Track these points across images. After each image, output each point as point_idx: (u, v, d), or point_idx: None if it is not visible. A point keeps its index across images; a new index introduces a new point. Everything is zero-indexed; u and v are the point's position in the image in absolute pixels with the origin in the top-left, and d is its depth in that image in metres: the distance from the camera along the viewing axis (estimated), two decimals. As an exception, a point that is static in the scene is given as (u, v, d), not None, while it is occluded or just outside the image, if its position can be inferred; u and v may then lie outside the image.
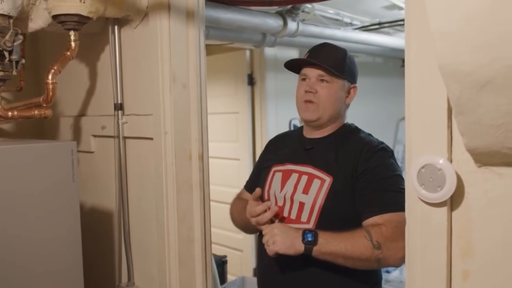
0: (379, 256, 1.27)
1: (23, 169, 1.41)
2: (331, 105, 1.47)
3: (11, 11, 1.45)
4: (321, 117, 1.48)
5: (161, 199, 1.67)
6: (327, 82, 1.46)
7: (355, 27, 3.57)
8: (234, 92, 3.71)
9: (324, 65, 1.45)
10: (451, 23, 0.67)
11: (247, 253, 3.68)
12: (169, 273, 1.67)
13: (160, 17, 1.62)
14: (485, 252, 0.82)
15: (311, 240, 1.28)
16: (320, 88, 1.46)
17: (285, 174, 1.52)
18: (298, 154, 1.53)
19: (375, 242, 1.26)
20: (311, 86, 1.46)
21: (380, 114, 4.16)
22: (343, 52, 1.52)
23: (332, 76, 1.45)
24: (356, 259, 1.28)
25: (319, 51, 1.52)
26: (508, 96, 0.67)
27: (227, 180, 3.75)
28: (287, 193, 1.47)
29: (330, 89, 1.46)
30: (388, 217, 1.30)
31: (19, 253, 1.39)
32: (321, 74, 1.46)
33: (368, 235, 1.27)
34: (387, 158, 1.42)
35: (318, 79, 1.46)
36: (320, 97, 1.46)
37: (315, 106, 1.46)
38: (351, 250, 1.27)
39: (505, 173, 0.79)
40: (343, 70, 1.47)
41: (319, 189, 1.42)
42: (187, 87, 1.67)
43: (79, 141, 2.03)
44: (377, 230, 1.28)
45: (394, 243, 1.25)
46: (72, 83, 2.08)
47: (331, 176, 1.41)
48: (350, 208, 1.38)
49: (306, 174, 1.47)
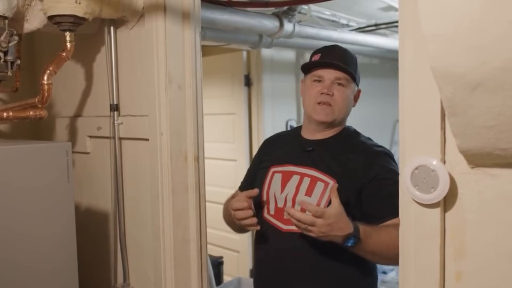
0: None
1: (18, 170, 1.41)
2: (345, 109, 1.48)
3: (6, 11, 1.44)
4: (336, 119, 1.48)
5: (156, 200, 1.67)
6: (343, 86, 1.45)
7: (352, 28, 3.58)
8: (231, 93, 3.72)
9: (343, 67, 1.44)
10: (443, 25, 0.67)
11: (243, 254, 3.68)
12: (164, 274, 1.67)
13: (156, 18, 1.62)
14: (478, 253, 0.82)
15: (350, 246, 1.26)
16: (336, 91, 1.45)
17: (285, 176, 1.51)
18: (298, 156, 1.52)
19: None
20: (328, 88, 1.45)
21: (377, 115, 4.17)
22: (353, 55, 1.53)
23: (347, 80, 1.46)
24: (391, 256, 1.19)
25: (333, 53, 1.50)
26: (500, 97, 0.68)
27: (224, 181, 3.75)
28: (289, 195, 1.46)
29: (345, 93, 1.46)
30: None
31: (14, 253, 1.39)
32: (338, 77, 1.45)
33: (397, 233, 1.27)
34: (393, 161, 1.44)
35: (335, 82, 1.45)
36: (336, 100, 1.45)
37: (331, 109, 1.46)
38: (386, 249, 1.26)
39: (497, 174, 0.79)
40: (356, 73, 1.49)
41: (322, 192, 1.41)
42: (183, 88, 1.67)
43: (74, 142, 2.03)
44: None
45: None
46: (68, 84, 2.07)
47: (335, 179, 1.41)
48: (353, 210, 1.37)
49: (308, 176, 1.46)
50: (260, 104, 3.63)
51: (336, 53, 1.51)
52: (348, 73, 1.45)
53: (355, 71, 1.49)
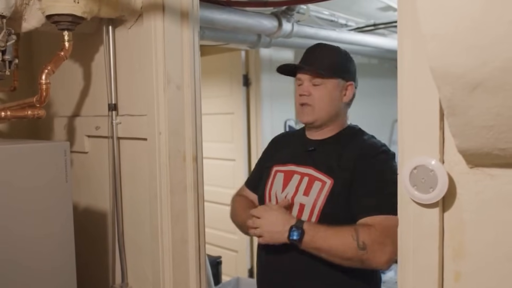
0: (362, 257, 1.27)
1: (16, 169, 1.40)
2: (327, 106, 1.47)
3: (4, 10, 1.44)
4: (318, 118, 1.48)
5: (155, 199, 1.67)
6: (320, 85, 1.46)
7: (350, 28, 3.58)
8: (229, 92, 3.72)
9: (313, 68, 1.47)
10: (442, 25, 0.67)
11: (242, 254, 3.68)
12: (163, 274, 1.67)
13: (154, 18, 1.62)
14: (476, 253, 0.82)
15: (296, 239, 1.32)
16: (314, 90, 1.47)
17: (287, 175, 1.52)
18: (300, 155, 1.53)
19: (361, 243, 1.26)
20: (304, 89, 1.48)
21: (375, 115, 4.17)
22: (335, 51, 1.53)
23: (322, 78, 1.46)
24: (339, 257, 1.30)
25: (310, 54, 1.53)
26: (499, 98, 0.68)
27: (223, 181, 3.75)
28: (288, 194, 1.48)
29: (323, 90, 1.46)
30: (380, 220, 1.30)
31: (11, 253, 1.39)
32: (312, 77, 1.47)
33: (356, 234, 1.28)
34: (387, 161, 1.42)
35: (311, 82, 1.47)
36: (315, 99, 1.46)
37: (310, 108, 1.47)
38: (335, 248, 1.30)
39: (496, 174, 0.79)
40: (334, 70, 1.47)
41: (319, 191, 1.42)
42: (181, 88, 1.67)
43: (73, 142, 2.03)
44: (365, 231, 1.29)
45: (381, 246, 1.26)
46: (66, 84, 2.07)
47: (332, 178, 1.42)
48: (349, 212, 1.38)
49: (307, 175, 1.47)
50: (259, 104, 3.62)
51: (314, 53, 1.52)
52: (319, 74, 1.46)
53: (333, 67, 1.47)
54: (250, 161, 3.70)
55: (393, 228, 1.20)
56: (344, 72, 1.50)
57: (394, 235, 1.20)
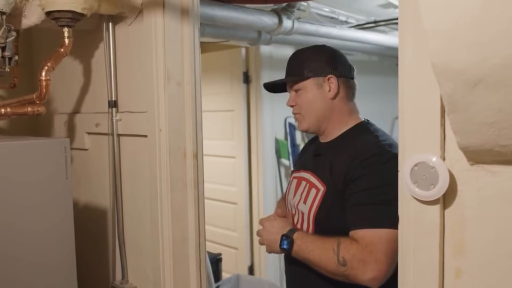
0: (344, 273, 1.21)
1: (16, 166, 1.40)
2: (312, 109, 1.42)
3: (4, 7, 1.44)
4: (310, 124, 1.45)
5: (155, 197, 1.67)
6: (300, 90, 1.44)
7: (351, 25, 3.58)
8: (230, 90, 3.71)
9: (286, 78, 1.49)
10: (444, 21, 0.67)
11: (242, 251, 3.69)
12: (163, 271, 1.67)
13: (154, 14, 1.61)
14: (477, 250, 0.82)
15: (286, 248, 1.34)
16: (297, 97, 1.45)
17: (298, 182, 1.51)
18: (309, 161, 1.52)
19: (341, 258, 1.21)
20: (289, 100, 1.49)
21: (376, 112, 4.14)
22: (305, 51, 1.50)
23: (298, 83, 1.44)
24: (324, 270, 1.27)
25: (288, 64, 1.53)
26: (500, 94, 0.67)
27: (223, 178, 3.75)
28: (295, 202, 1.47)
29: (303, 94, 1.44)
30: (363, 234, 1.22)
31: (12, 249, 1.39)
32: (291, 86, 1.47)
33: (337, 248, 1.22)
34: (378, 165, 1.28)
35: (294, 91, 1.47)
36: (300, 107, 1.45)
37: (300, 116, 1.46)
38: (318, 260, 1.27)
39: (497, 171, 0.79)
40: (303, 69, 1.43)
41: (314, 198, 1.39)
42: (182, 85, 1.67)
43: (73, 139, 2.02)
44: (346, 246, 1.22)
45: (361, 263, 1.18)
46: (66, 80, 2.07)
47: (325, 185, 1.37)
48: (341, 220, 1.30)
49: (308, 182, 1.45)
50: (259, 101, 3.62)
51: (289, 64, 1.52)
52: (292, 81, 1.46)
53: (302, 67, 1.43)
54: (250, 158, 3.70)
55: (380, 244, 1.18)
56: (316, 69, 1.42)
57: (379, 251, 1.17)
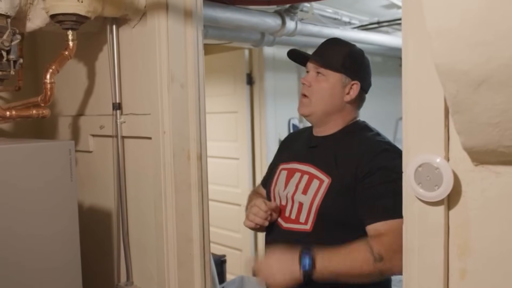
0: (381, 268, 1.21)
1: (21, 169, 1.41)
2: (324, 100, 1.42)
3: (9, 10, 1.44)
4: (313, 112, 1.44)
5: (159, 198, 1.67)
6: (323, 75, 1.42)
7: (354, 26, 3.57)
8: (233, 91, 3.72)
9: (318, 57, 1.44)
10: (447, 21, 0.67)
11: (246, 253, 3.68)
12: (167, 272, 1.67)
13: (158, 17, 1.62)
14: (482, 250, 0.82)
15: (309, 268, 1.22)
16: (316, 81, 1.43)
17: (289, 173, 1.50)
18: (303, 153, 1.51)
19: (377, 255, 1.21)
20: (306, 78, 1.45)
21: (379, 113, 4.14)
22: (347, 47, 1.48)
23: (327, 69, 1.42)
24: (357, 276, 1.24)
25: (323, 46, 1.50)
26: (504, 94, 0.67)
27: (227, 179, 3.76)
28: (289, 193, 1.46)
29: (324, 83, 1.42)
30: (390, 225, 1.23)
31: (17, 252, 1.40)
32: (316, 67, 1.44)
33: (369, 248, 1.22)
34: (390, 160, 1.32)
35: (316, 72, 1.44)
36: (313, 91, 1.43)
37: (308, 100, 1.44)
38: (350, 267, 1.22)
39: (502, 172, 0.79)
40: (340, 64, 1.42)
41: (317, 190, 1.39)
42: (185, 87, 1.67)
43: (77, 141, 2.03)
44: (378, 241, 1.23)
45: (398, 254, 1.15)
46: (71, 83, 2.08)
47: (330, 177, 1.38)
48: (347, 212, 1.33)
49: (307, 173, 1.44)
50: (263, 102, 3.62)
51: (324, 47, 1.50)
52: (322, 64, 1.42)
53: (340, 61, 1.42)
54: (254, 160, 3.70)
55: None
56: (350, 70, 1.43)
57: None
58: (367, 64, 1.51)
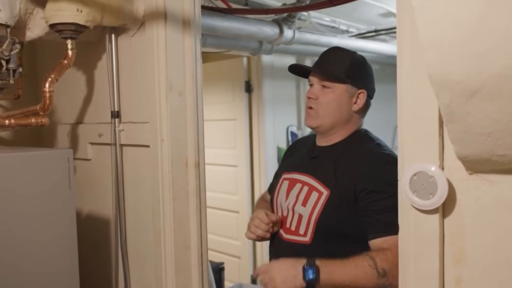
0: (385, 284, 1.22)
1: (19, 177, 1.41)
2: (332, 112, 1.43)
3: (9, 20, 1.46)
4: (322, 124, 1.44)
5: (157, 206, 1.67)
6: (329, 88, 1.42)
7: (351, 34, 3.60)
8: (232, 99, 3.73)
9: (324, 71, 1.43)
10: (439, 33, 0.68)
11: (244, 260, 3.68)
12: (165, 280, 1.67)
13: (156, 26, 1.63)
14: (477, 259, 0.82)
15: (313, 278, 1.23)
16: (322, 94, 1.43)
17: (291, 183, 1.50)
18: (304, 163, 1.51)
19: (380, 270, 1.21)
20: (312, 92, 1.45)
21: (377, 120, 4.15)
22: (350, 56, 1.48)
23: (333, 81, 1.42)
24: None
25: (325, 57, 1.50)
26: (496, 104, 0.68)
27: (225, 187, 3.76)
28: (290, 204, 1.46)
29: (331, 95, 1.42)
30: (394, 240, 1.18)
31: (15, 259, 1.40)
32: (322, 80, 1.44)
33: (373, 262, 1.22)
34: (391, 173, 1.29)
35: (321, 85, 1.44)
36: (321, 104, 1.43)
37: (315, 112, 1.44)
38: (355, 281, 1.23)
39: (495, 181, 0.80)
40: (344, 74, 1.42)
41: (316, 202, 1.38)
42: (184, 95, 1.68)
43: (76, 149, 2.04)
44: (382, 257, 1.23)
45: None
46: (69, 91, 2.08)
47: (329, 189, 1.37)
48: (346, 224, 1.34)
49: (307, 184, 1.44)
50: (261, 110, 3.64)
51: (326, 57, 1.49)
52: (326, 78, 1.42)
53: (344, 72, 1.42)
54: (253, 167, 3.70)
55: None
56: (356, 79, 1.44)
57: None
58: (370, 70, 1.51)
